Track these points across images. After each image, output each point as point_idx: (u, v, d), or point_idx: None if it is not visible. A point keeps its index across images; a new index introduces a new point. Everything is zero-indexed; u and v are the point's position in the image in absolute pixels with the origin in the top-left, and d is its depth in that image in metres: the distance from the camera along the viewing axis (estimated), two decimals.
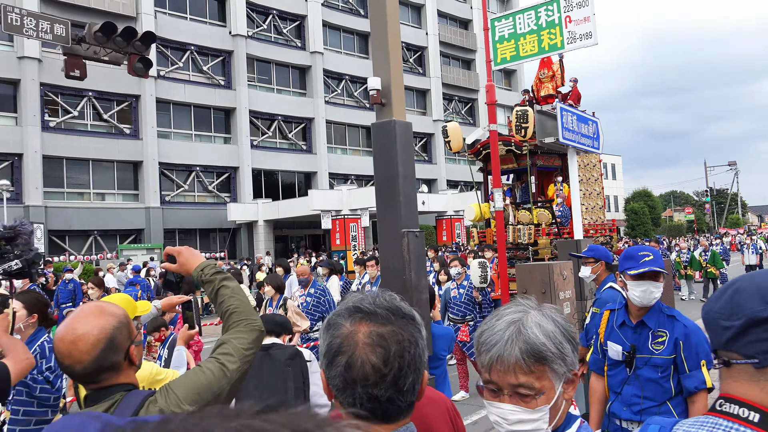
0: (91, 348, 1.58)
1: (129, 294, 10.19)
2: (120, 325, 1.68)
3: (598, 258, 4.26)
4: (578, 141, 5.69)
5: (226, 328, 1.90)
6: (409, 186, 3.61)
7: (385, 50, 3.57)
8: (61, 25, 11.13)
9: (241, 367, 1.83)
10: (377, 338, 1.15)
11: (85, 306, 1.68)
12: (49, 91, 27.59)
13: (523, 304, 1.36)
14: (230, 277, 2.02)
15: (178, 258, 2.08)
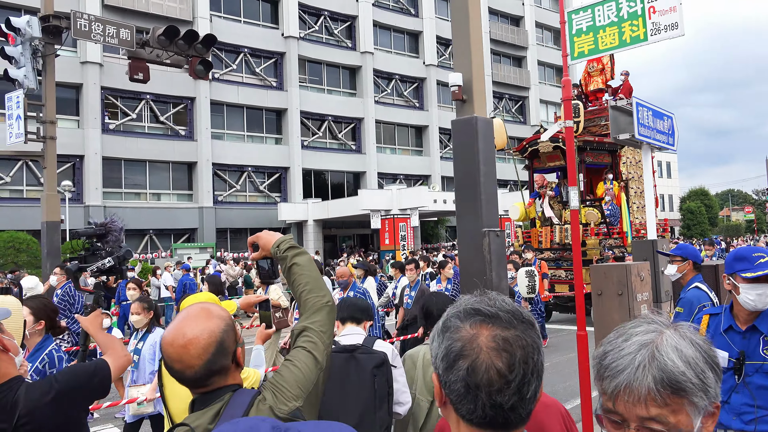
0: (203, 352, 1.55)
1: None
2: (227, 327, 1.65)
3: (686, 257, 4.09)
4: (654, 137, 5.49)
5: (302, 311, 1.87)
6: (491, 184, 3.53)
7: (467, 45, 3.49)
8: (126, 29, 11.44)
9: (327, 350, 1.81)
10: (502, 342, 1.08)
11: (192, 308, 1.65)
12: (109, 95, 28.48)
13: (655, 321, 1.17)
14: (303, 251, 2.00)
15: (259, 242, 2.08)
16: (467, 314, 1.13)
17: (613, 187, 13.82)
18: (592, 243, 12.89)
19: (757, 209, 59.90)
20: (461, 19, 3.51)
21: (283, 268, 1.98)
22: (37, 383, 2.16)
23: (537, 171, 14.99)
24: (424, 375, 3.04)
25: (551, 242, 13.49)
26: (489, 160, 3.48)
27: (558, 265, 13.50)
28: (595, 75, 15.64)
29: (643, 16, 4.34)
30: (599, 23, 4.52)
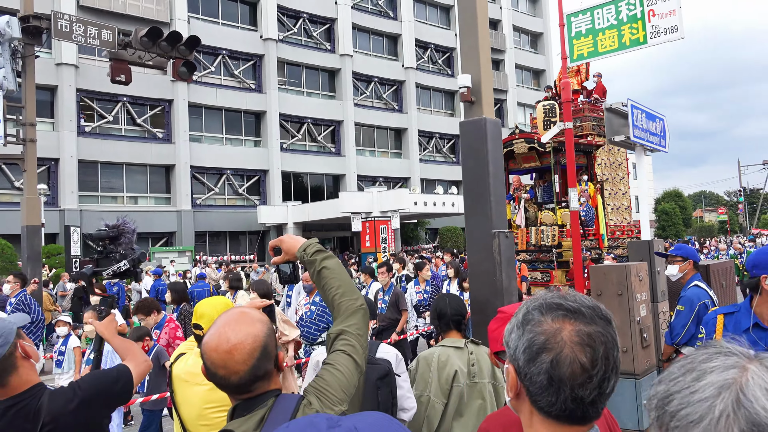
0: (248, 357, 1.52)
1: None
2: (270, 331, 1.64)
3: (686, 257, 4.14)
4: (647, 139, 5.55)
5: (337, 315, 1.86)
6: (500, 186, 3.54)
7: (475, 46, 3.49)
8: (108, 30, 11.28)
9: (364, 353, 1.81)
10: (586, 338, 1.10)
11: (231, 313, 1.62)
12: (85, 97, 28.04)
13: (733, 351, 0.88)
14: (331, 255, 1.98)
15: (282, 246, 2.06)
16: (549, 308, 1.14)
17: (588, 189, 13.72)
18: (568, 245, 12.69)
19: (730, 210, 61.10)
20: (469, 20, 3.51)
21: (312, 272, 1.96)
22: (60, 390, 2.11)
23: (512, 172, 14.97)
24: (438, 376, 3.03)
25: (527, 244, 13.40)
26: (497, 161, 3.48)
27: (534, 267, 13.42)
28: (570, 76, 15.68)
29: (642, 19, 4.38)
30: (599, 26, 4.56)
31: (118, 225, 2.93)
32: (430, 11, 42.41)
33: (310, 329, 6.70)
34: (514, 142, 13.73)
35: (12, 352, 2.00)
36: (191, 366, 2.73)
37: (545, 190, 14.96)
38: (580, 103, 14.91)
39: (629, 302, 4.78)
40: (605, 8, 4.60)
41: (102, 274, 2.73)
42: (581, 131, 14.12)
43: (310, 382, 1.72)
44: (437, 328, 3.23)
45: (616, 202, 15.05)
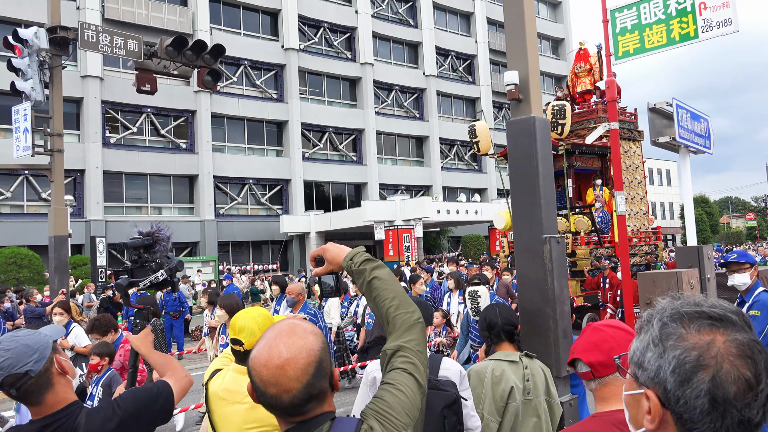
0: (302, 373, 1.36)
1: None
2: (324, 345, 1.47)
3: (753, 263, 3.94)
4: (693, 140, 5.32)
5: (392, 330, 1.69)
6: (550, 188, 3.36)
7: (522, 41, 3.33)
8: (134, 40, 11.31)
9: (426, 372, 1.65)
10: (745, 348, 0.94)
11: (282, 325, 1.47)
12: (110, 108, 28.33)
13: None
14: (381, 264, 1.82)
15: (325, 256, 1.92)
16: (690, 318, 0.98)
17: (604, 193, 13.18)
18: (583, 253, 12.19)
19: (758, 216, 59.90)
20: (516, 15, 3.35)
21: (360, 283, 1.80)
22: (99, 409, 1.97)
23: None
24: (493, 393, 2.84)
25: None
26: (547, 162, 3.31)
27: None
28: (582, 76, 15.02)
29: (693, 13, 4.17)
30: (645, 21, 4.36)
31: (152, 232, 2.80)
32: (450, 19, 42.32)
33: None
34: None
35: (48, 367, 1.86)
36: (229, 383, 2.57)
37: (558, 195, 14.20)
38: (593, 103, 14.41)
39: None
40: (652, 2, 4.39)
41: (139, 284, 2.59)
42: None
43: (369, 403, 1.54)
44: (488, 339, 3.04)
45: (633, 207, 14.41)
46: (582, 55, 14.80)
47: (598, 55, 14.54)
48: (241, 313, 2.68)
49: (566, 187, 12.85)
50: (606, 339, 1.62)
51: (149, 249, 2.73)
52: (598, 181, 13.25)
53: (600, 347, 1.60)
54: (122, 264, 27.11)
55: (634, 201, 14.48)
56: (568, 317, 3.25)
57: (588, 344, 1.63)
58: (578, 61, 14.83)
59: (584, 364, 1.61)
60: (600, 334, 1.65)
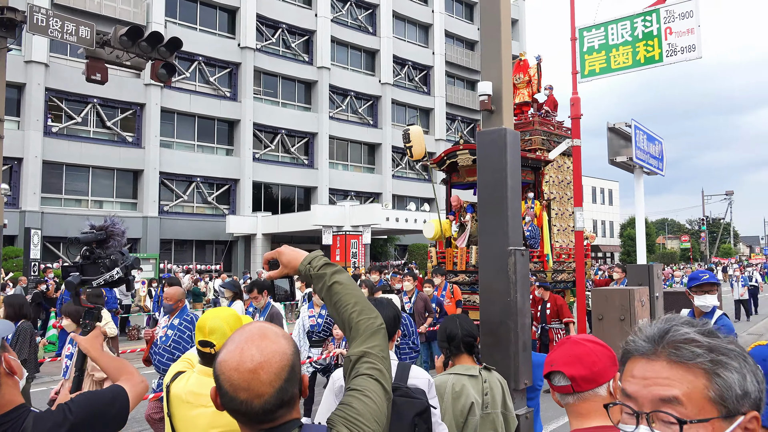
0: (275, 378, 1.30)
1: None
2: (296, 349, 1.41)
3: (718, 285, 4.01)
4: (648, 162, 5.47)
5: (355, 335, 1.64)
6: (517, 200, 3.36)
7: (497, 53, 3.33)
8: (86, 27, 10.91)
9: (391, 378, 1.62)
10: None
11: (252, 327, 1.39)
12: (54, 96, 27.28)
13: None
14: (341, 269, 1.77)
15: (281, 259, 1.83)
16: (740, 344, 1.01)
17: (535, 207, 12.66)
18: None
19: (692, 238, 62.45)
20: (491, 26, 3.35)
21: (319, 288, 1.74)
22: (48, 413, 1.83)
23: (455, 186, 13.79)
24: (453, 408, 2.79)
25: (467, 264, 12.22)
26: (516, 174, 3.31)
27: (473, 289, 12.05)
28: (521, 87, 14.56)
29: (659, 37, 4.28)
30: (612, 42, 4.45)
31: (106, 226, 2.63)
32: (409, 29, 42.62)
33: (162, 358, 5.54)
34: (458, 154, 12.49)
35: None
36: (194, 386, 2.47)
37: None
38: (530, 115, 14.13)
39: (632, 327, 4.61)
40: (620, 24, 4.49)
41: (92, 283, 2.43)
42: (530, 145, 13.39)
43: (336, 410, 1.49)
44: (447, 351, 2.99)
45: (563, 223, 14.02)
46: (522, 66, 14.52)
47: (537, 67, 14.37)
48: (209, 314, 2.57)
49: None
50: (588, 353, 1.60)
51: (102, 244, 2.57)
52: (530, 195, 12.76)
53: (582, 361, 1.58)
54: (58, 257, 26.06)
55: (564, 217, 14.19)
56: (529, 330, 3.26)
57: (570, 357, 1.59)
58: (517, 72, 14.45)
59: (564, 377, 1.58)
60: (582, 348, 1.62)
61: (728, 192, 58.24)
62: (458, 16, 46.20)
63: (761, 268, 42.58)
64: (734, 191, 59.12)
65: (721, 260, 55.43)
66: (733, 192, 58.79)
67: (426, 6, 43.21)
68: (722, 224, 68.50)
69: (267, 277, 1.89)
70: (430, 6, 43.26)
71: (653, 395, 1.00)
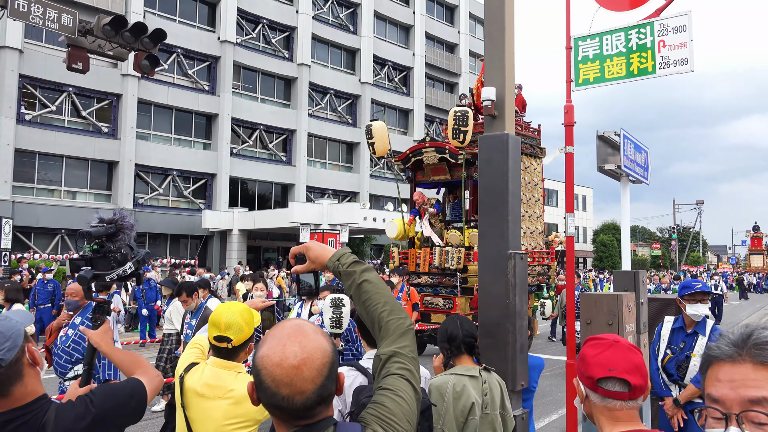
0: (317, 374, 1.30)
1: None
2: (335, 347, 1.42)
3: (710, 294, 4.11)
4: (635, 170, 5.58)
5: (385, 335, 1.66)
6: (517, 204, 3.42)
7: (501, 58, 3.38)
8: (69, 15, 10.76)
9: (420, 379, 1.64)
10: None
11: (289, 324, 1.39)
12: (28, 84, 26.72)
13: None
14: (369, 267, 1.78)
15: (308, 254, 1.85)
16: None
17: None
18: (475, 269, 10.97)
19: (663, 246, 63.65)
20: (496, 31, 3.41)
21: (348, 286, 1.76)
22: (70, 405, 1.82)
23: (420, 185, 13.59)
24: (454, 408, 2.84)
25: (430, 266, 11.90)
26: (516, 179, 3.37)
27: (436, 291, 11.88)
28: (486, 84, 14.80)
29: (652, 49, 4.39)
30: (607, 52, 4.55)
31: (115, 219, 2.61)
32: (390, 29, 42.68)
33: (61, 360, 5.22)
34: (424, 151, 12.26)
35: (19, 357, 1.71)
36: (209, 378, 2.48)
37: (454, 207, 13.35)
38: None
39: (619, 332, 4.72)
40: (615, 35, 4.59)
41: (105, 278, 2.42)
42: None
43: (368, 408, 1.50)
44: (447, 351, 3.04)
45: (529, 225, 13.78)
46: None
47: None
48: (222, 308, 2.58)
49: (463, 198, 12.08)
50: (643, 362, 1.58)
51: (112, 238, 2.56)
52: None
53: (641, 370, 1.56)
54: (28, 248, 25.53)
55: (531, 219, 13.87)
56: (526, 332, 3.33)
57: (631, 365, 1.56)
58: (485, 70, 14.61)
59: (623, 384, 1.54)
60: (637, 356, 1.60)
61: (698, 201, 59.46)
62: (439, 19, 46.39)
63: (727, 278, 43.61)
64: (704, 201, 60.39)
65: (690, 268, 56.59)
66: (704, 202, 60.12)
67: (407, 7, 43.32)
68: (692, 233, 69.92)
69: (293, 272, 1.91)
70: (411, 7, 43.38)
71: (742, 397, 1.03)
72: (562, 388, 8.82)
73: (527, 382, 3.42)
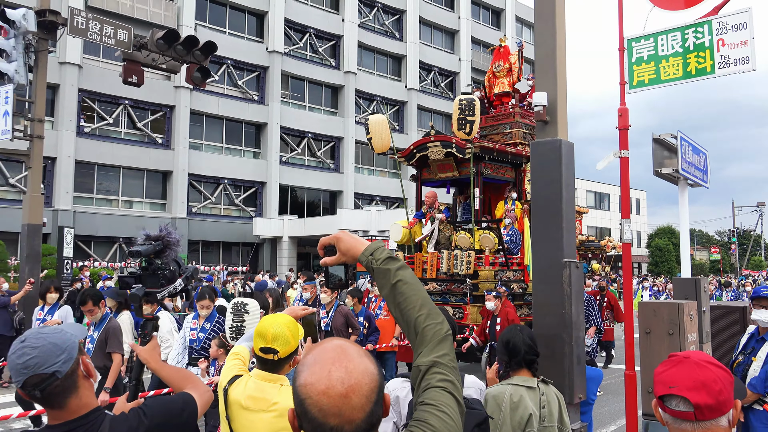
0: (366, 401, 1.20)
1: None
2: (380, 368, 1.32)
3: None
4: (693, 173, 5.37)
5: (422, 342, 1.54)
6: (571, 211, 3.33)
7: (552, 63, 3.31)
8: (124, 30, 11.10)
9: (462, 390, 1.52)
10: None
11: (330, 345, 1.28)
12: (87, 97, 27.76)
13: None
14: (404, 264, 1.63)
15: (339, 246, 1.71)
16: None
17: (516, 208, 11.28)
18: (486, 275, 10.21)
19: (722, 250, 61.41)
20: (546, 35, 3.34)
21: (382, 284, 1.63)
22: (123, 417, 1.85)
23: (426, 183, 12.53)
24: (511, 419, 2.76)
25: (437, 271, 10.82)
26: (570, 185, 3.29)
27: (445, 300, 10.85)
28: (501, 76, 13.14)
29: (711, 48, 4.22)
30: (662, 53, 4.39)
31: (162, 236, 2.63)
32: (435, 35, 42.62)
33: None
34: (429, 146, 11.21)
35: (74, 369, 1.74)
36: (253, 390, 2.48)
37: (465, 208, 12.19)
38: (510, 106, 12.82)
39: (681, 342, 4.56)
40: (670, 35, 4.43)
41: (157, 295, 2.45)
42: (510, 139, 12.16)
43: (411, 426, 1.40)
44: (505, 364, 2.95)
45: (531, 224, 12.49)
46: (502, 53, 13.19)
47: (519, 54, 13.07)
48: (268, 320, 2.57)
49: (473, 197, 10.80)
50: (714, 380, 1.46)
51: (159, 254, 2.59)
52: (513, 195, 11.40)
53: (708, 388, 1.45)
54: (88, 256, 26.45)
55: None
56: (583, 343, 3.22)
57: (694, 382, 1.46)
58: (497, 59, 13.15)
59: (686, 402, 1.45)
60: (707, 373, 1.48)
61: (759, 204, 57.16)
62: (485, 23, 46.07)
63: None
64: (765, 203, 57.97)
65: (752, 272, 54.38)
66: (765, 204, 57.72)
67: (452, 12, 43.18)
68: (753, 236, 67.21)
69: (322, 263, 1.79)
70: (456, 12, 43.22)
71: None
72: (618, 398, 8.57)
73: (585, 395, 3.31)
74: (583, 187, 49.41)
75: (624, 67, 4.59)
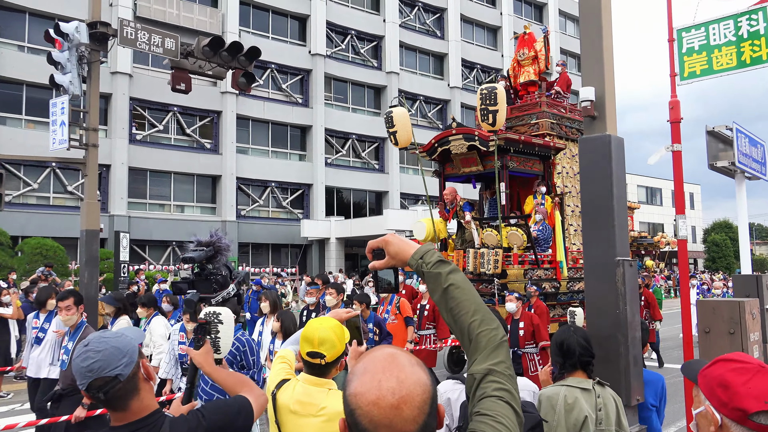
0: (418, 413, 1.15)
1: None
2: (434, 378, 1.28)
3: None
4: (750, 166, 5.18)
5: (476, 349, 1.48)
6: (623, 209, 3.26)
7: (599, 56, 3.24)
8: (171, 39, 11.36)
9: (519, 398, 1.46)
10: None
11: (381, 353, 1.23)
12: (138, 106, 28.58)
13: None
14: (456, 268, 1.58)
15: (387, 249, 1.66)
16: None
17: (545, 203, 10.74)
18: (515, 273, 9.76)
19: None
20: (592, 28, 3.26)
21: (432, 289, 1.58)
22: (183, 419, 1.89)
23: (449, 178, 12.10)
24: (566, 421, 2.71)
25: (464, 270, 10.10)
26: (621, 182, 3.21)
27: None
28: (526, 64, 12.69)
29: (766, 36, 4.06)
30: (714, 42, 4.25)
31: (213, 242, 2.68)
32: (477, 32, 42.28)
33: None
34: (451, 139, 10.73)
35: (135, 372, 1.80)
36: (301, 395, 2.50)
37: (492, 204, 11.68)
38: (537, 96, 12.34)
39: (743, 342, 4.40)
40: (722, 23, 4.28)
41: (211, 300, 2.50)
42: (537, 130, 11.68)
43: None
44: (560, 366, 2.89)
45: (580, 222, 11.66)
46: (526, 40, 12.82)
47: (544, 41, 12.62)
48: (315, 324, 2.58)
49: (498, 192, 10.22)
50: None
51: (211, 259, 2.64)
52: (542, 188, 10.88)
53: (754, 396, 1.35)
54: (144, 259, 27.24)
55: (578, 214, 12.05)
56: (639, 343, 3.14)
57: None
58: (521, 47, 12.76)
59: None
60: None
61: None
62: (527, 18, 45.42)
63: None
64: None
65: None
66: None
67: (494, 8, 42.75)
68: None
69: (371, 267, 1.75)
70: (498, 8, 42.77)
71: None
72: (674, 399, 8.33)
73: (642, 397, 3.22)
74: (634, 182, 48.22)
75: (674, 59, 4.46)
